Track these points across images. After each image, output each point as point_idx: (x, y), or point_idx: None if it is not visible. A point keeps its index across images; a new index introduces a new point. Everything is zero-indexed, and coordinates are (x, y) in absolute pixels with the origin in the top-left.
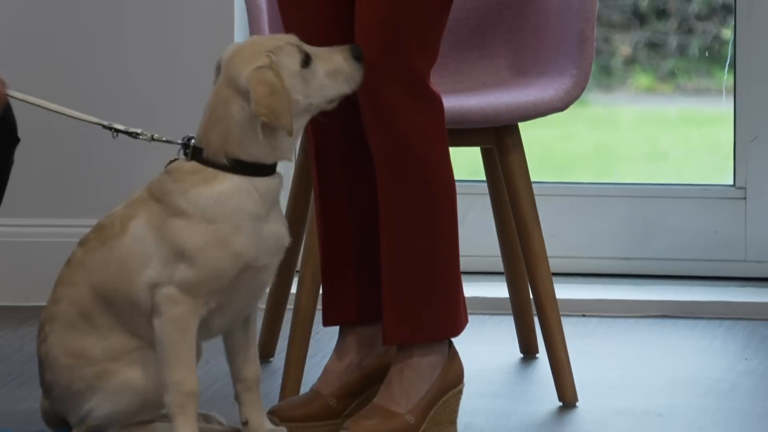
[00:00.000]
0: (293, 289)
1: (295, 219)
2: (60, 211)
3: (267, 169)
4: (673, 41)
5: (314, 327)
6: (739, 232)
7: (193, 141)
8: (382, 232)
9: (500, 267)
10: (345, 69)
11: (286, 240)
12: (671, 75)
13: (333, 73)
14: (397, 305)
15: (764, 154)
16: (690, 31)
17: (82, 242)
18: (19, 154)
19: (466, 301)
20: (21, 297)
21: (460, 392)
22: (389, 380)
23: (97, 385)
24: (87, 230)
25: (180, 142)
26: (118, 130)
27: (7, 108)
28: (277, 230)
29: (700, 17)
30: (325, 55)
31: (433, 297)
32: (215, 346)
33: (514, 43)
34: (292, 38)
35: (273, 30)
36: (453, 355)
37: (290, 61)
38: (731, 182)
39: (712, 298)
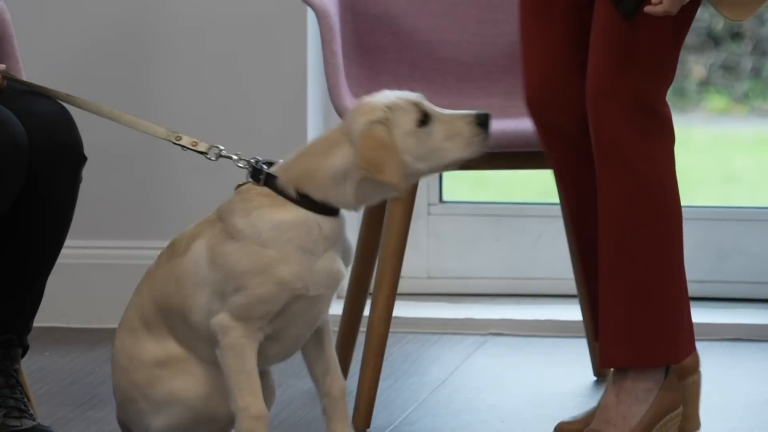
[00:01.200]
0: (366, 312)
1: (367, 242)
2: (132, 233)
3: (331, 210)
4: (747, 63)
5: (387, 350)
6: None
7: (266, 167)
8: (601, 252)
9: (573, 290)
10: (465, 133)
11: (340, 276)
12: (745, 97)
13: (452, 136)
14: (614, 328)
15: None
16: (764, 53)
17: (158, 257)
18: (92, 175)
19: (536, 323)
20: (93, 319)
21: (679, 416)
22: (605, 404)
23: (147, 393)
24: (157, 252)
25: (246, 159)
26: (185, 146)
27: (73, 127)
28: (332, 266)
29: None
30: (446, 118)
31: (650, 322)
32: (287, 368)
33: None
34: (416, 96)
35: (345, 52)
36: (671, 380)
37: (406, 120)
38: None
39: None
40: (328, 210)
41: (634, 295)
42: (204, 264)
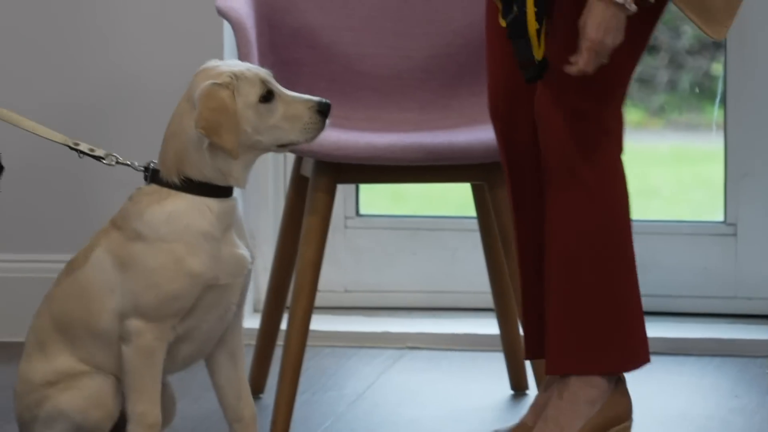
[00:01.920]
0: (283, 326)
1: (284, 256)
2: (47, 246)
3: (220, 191)
4: (663, 76)
5: (304, 364)
6: (729, 268)
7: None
8: (548, 262)
9: (491, 304)
10: (304, 118)
11: (246, 261)
12: (661, 110)
13: (290, 118)
14: (559, 335)
15: (755, 191)
16: (680, 66)
17: (56, 279)
18: (2, 187)
19: (454, 337)
20: (8, 333)
21: (626, 429)
22: (546, 412)
23: (36, 413)
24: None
25: (142, 165)
26: (82, 152)
27: None
28: (237, 251)
29: (690, 52)
30: (288, 99)
31: (597, 331)
32: (205, 382)
33: None
34: (264, 72)
35: (262, 65)
36: (620, 392)
37: (250, 91)
38: (722, 219)
39: (702, 335)
40: (215, 191)
41: (582, 304)
42: (109, 269)
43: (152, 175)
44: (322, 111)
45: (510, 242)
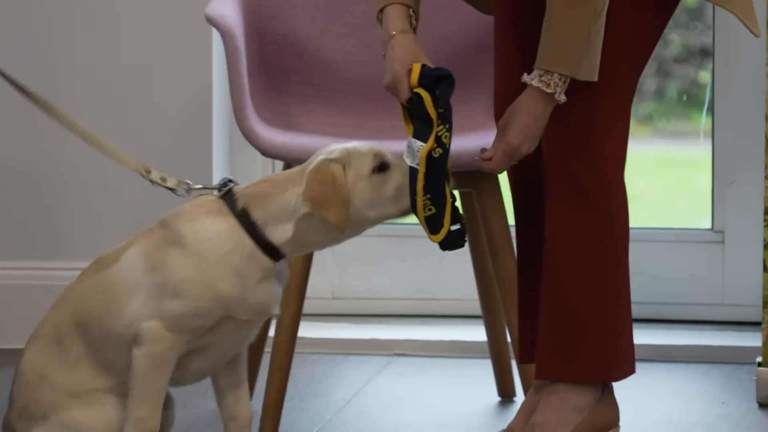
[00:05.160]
0: (271, 333)
1: None
2: (35, 253)
3: (268, 248)
4: (651, 84)
5: (292, 370)
6: (716, 275)
7: (232, 184)
8: (544, 268)
9: (478, 311)
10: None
11: (274, 307)
12: (649, 118)
13: (400, 187)
14: (551, 340)
15: (742, 198)
16: (668, 74)
17: (81, 274)
18: None
19: (441, 344)
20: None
21: None
22: (533, 419)
23: (48, 414)
24: (61, 273)
25: (216, 186)
26: (153, 181)
27: None
28: (268, 296)
29: (678, 60)
30: (405, 169)
31: (588, 338)
32: (191, 389)
33: (491, 87)
34: (381, 148)
35: (250, 73)
36: (607, 401)
37: (362, 164)
38: (709, 226)
39: (689, 341)
40: (264, 244)
41: (574, 311)
42: (139, 270)
43: (225, 193)
44: None
45: (497, 249)
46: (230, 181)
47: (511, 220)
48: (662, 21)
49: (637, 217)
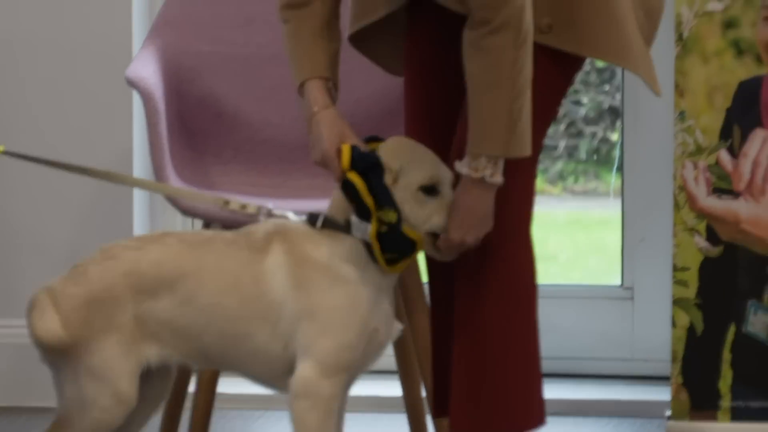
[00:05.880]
0: (191, 388)
1: None
2: None
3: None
4: (562, 144)
5: (211, 426)
6: (626, 331)
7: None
8: (456, 322)
9: (393, 366)
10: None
11: (396, 329)
12: (560, 177)
13: (434, 213)
14: (462, 394)
15: (651, 255)
16: (579, 134)
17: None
18: None
19: (357, 399)
20: None
21: None
22: None
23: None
24: None
25: (299, 215)
26: (234, 210)
27: None
28: (391, 311)
29: (588, 121)
30: (448, 199)
31: (498, 391)
32: None
33: None
34: (447, 172)
35: (170, 134)
36: None
37: (416, 177)
38: (619, 283)
39: (600, 396)
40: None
41: (485, 364)
42: (284, 282)
43: (325, 223)
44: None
45: (412, 305)
46: (311, 214)
47: (424, 276)
48: (564, 83)
49: (550, 275)
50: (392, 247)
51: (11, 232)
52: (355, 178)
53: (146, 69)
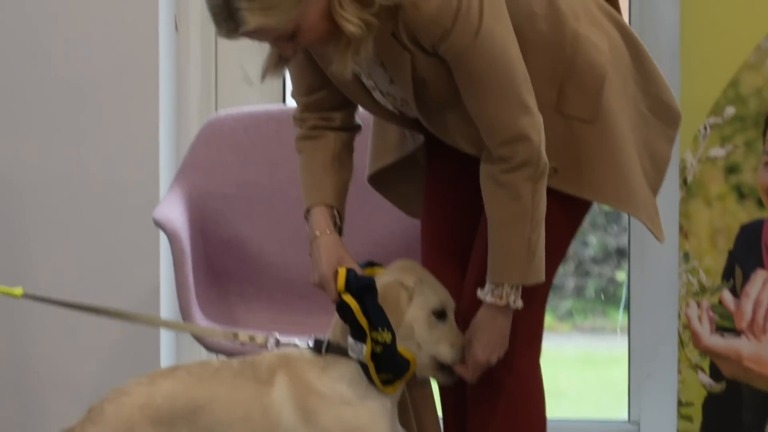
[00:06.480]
0: None
1: None
2: None
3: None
4: (570, 283)
5: None
6: None
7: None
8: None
9: None
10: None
11: None
12: (569, 315)
13: (440, 341)
14: None
15: (657, 391)
16: (587, 273)
17: (205, 363)
18: None
19: None
20: None
21: None
22: None
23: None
24: None
25: (303, 341)
26: (243, 342)
27: None
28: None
29: (596, 261)
30: (454, 328)
31: None
32: None
33: None
34: (451, 300)
35: (196, 274)
36: None
37: (429, 300)
38: (626, 418)
39: None
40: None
41: None
42: (292, 417)
43: (329, 347)
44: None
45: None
46: (316, 338)
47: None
48: (572, 224)
49: (560, 410)
50: (387, 367)
51: (38, 374)
52: (349, 299)
53: (173, 211)
